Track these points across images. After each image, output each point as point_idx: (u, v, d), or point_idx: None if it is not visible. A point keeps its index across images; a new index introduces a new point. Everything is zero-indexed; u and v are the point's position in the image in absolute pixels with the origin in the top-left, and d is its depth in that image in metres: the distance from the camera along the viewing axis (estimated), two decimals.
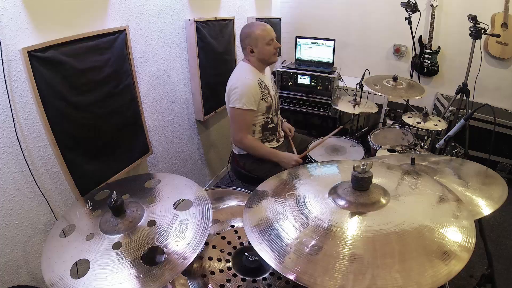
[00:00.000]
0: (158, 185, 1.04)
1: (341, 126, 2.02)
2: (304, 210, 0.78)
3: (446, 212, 0.75)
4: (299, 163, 1.66)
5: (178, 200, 0.96)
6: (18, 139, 1.13)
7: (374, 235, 0.67)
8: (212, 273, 0.84)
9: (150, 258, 0.81)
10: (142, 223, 0.86)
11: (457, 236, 0.66)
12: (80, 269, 0.79)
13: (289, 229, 0.73)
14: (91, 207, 1.01)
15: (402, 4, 2.24)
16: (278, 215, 0.78)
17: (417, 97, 1.98)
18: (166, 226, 0.84)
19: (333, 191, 0.82)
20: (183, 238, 0.81)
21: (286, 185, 0.92)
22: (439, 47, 2.87)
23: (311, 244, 0.68)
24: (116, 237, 0.82)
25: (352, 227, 0.71)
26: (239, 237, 0.96)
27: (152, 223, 0.86)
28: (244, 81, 1.62)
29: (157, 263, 0.76)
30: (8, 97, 1.07)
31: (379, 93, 2.08)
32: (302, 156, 1.73)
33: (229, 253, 0.90)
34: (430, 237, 0.66)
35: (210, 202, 0.93)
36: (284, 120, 2.07)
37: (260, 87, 1.67)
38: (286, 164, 1.69)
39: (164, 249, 0.78)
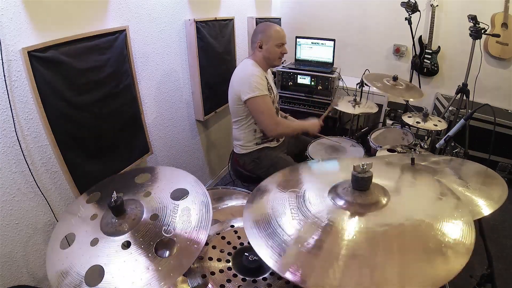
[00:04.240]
0: (148, 179, 1.02)
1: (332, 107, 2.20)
2: (303, 209, 0.78)
3: (446, 212, 0.75)
4: (322, 126, 1.92)
5: (174, 191, 0.95)
6: (18, 139, 1.13)
7: (374, 235, 0.67)
8: (212, 273, 0.83)
9: (162, 251, 0.82)
10: (145, 218, 0.85)
11: (456, 235, 0.66)
12: (95, 275, 0.77)
13: (288, 228, 0.73)
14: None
15: (402, 4, 2.23)
16: (277, 213, 0.78)
17: (415, 99, 1.98)
18: (169, 217, 0.84)
19: (333, 191, 0.82)
20: (189, 225, 0.81)
21: (287, 183, 0.92)
22: (439, 47, 2.87)
23: (310, 244, 0.68)
24: (122, 237, 0.81)
25: (352, 226, 0.71)
26: (239, 237, 0.95)
27: (154, 217, 0.85)
28: (253, 72, 1.65)
29: (171, 254, 0.77)
30: (8, 97, 1.07)
31: (379, 90, 2.06)
32: (323, 118, 1.98)
33: (229, 253, 0.90)
34: (430, 237, 0.66)
35: (203, 186, 0.93)
36: (286, 115, 2.18)
37: (265, 80, 1.71)
38: (313, 129, 1.85)
39: (174, 239, 0.78)
